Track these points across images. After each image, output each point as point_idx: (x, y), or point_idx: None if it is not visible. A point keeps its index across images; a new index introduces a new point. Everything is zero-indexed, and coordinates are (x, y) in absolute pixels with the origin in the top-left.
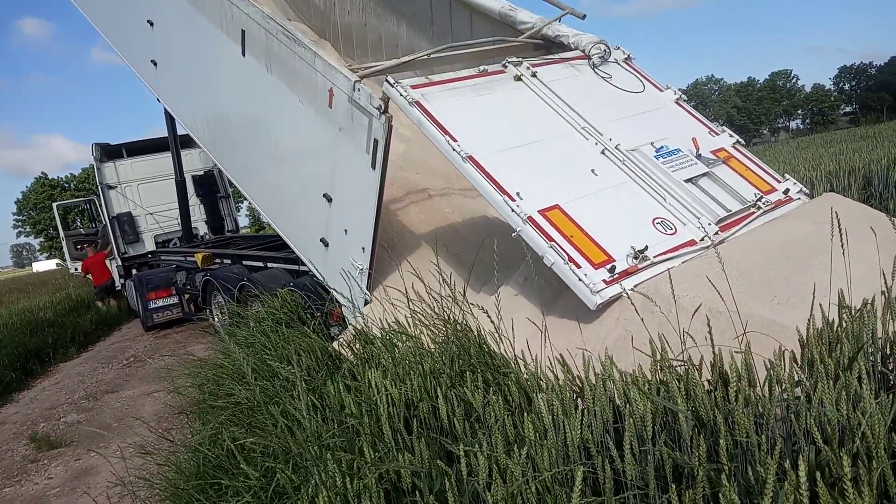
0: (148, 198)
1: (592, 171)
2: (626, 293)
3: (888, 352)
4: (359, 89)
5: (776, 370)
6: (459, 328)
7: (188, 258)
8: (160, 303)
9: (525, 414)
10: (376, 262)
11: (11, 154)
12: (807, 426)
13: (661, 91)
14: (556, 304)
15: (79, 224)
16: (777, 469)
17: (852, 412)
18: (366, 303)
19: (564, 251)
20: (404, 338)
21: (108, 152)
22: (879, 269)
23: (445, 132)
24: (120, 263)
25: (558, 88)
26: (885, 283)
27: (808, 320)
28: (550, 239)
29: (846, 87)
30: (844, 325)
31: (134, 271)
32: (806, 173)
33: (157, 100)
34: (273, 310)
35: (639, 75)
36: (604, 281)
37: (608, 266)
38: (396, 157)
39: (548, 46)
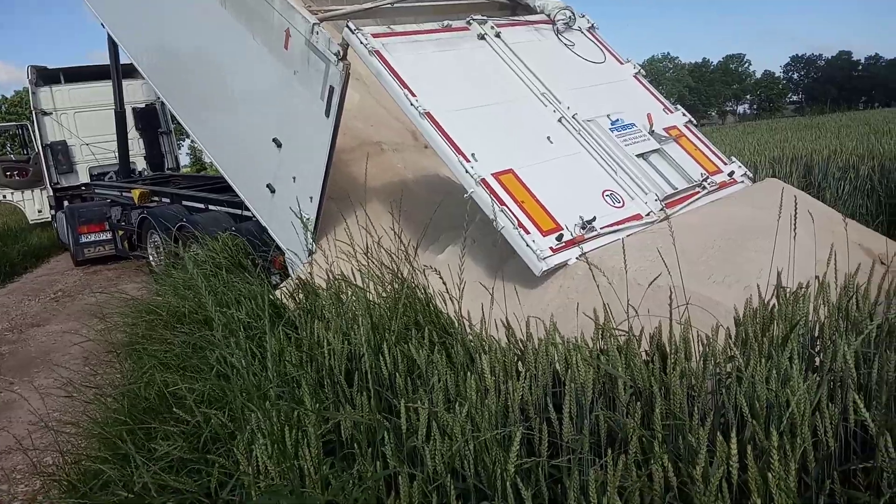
0: (84, 127)
1: (548, 138)
2: (585, 257)
3: (816, 335)
4: (317, 32)
5: (712, 345)
6: (407, 285)
7: (124, 193)
8: (92, 237)
9: (468, 373)
10: (323, 213)
11: None
12: (736, 401)
13: (622, 64)
14: (502, 268)
15: (9, 149)
16: (708, 440)
17: (781, 390)
18: (310, 253)
19: (515, 216)
20: (350, 291)
21: (45, 76)
22: (814, 255)
23: (405, 86)
24: (51, 194)
25: (521, 51)
26: (819, 270)
27: (746, 300)
28: (502, 203)
29: (795, 76)
30: (779, 306)
31: (66, 203)
32: (751, 157)
33: (101, 25)
34: (213, 253)
35: (601, 46)
36: (551, 248)
37: (556, 234)
38: (351, 107)
39: (513, 7)
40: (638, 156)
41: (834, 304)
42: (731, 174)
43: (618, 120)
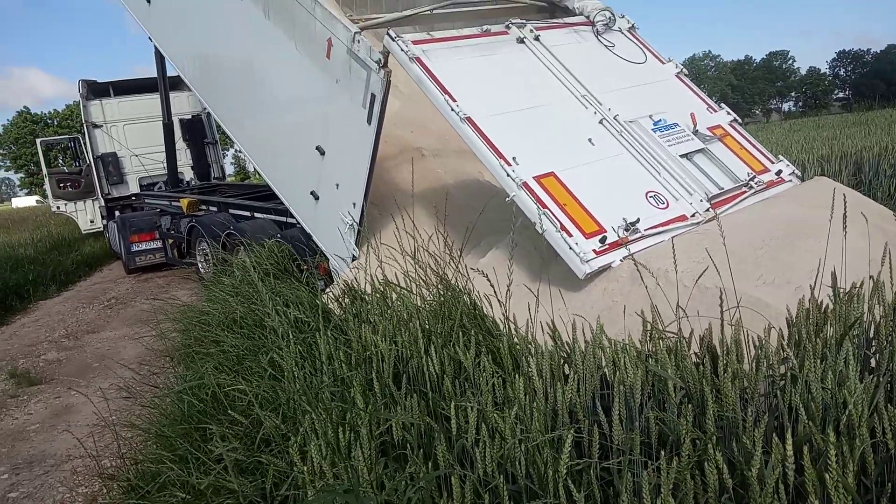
0: (134, 139)
1: (590, 140)
2: (630, 258)
3: (871, 335)
4: (359, 41)
5: (765, 347)
6: (452, 288)
7: (173, 203)
8: (143, 246)
9: (517, 375)
10: (366, 218)
11: None
12: (791, 403)
13: (663, 63)
14: (545, 271)
15: (61, 162)
16: (762, 442)
17: (837, 391)
18: (354, 258)
19: (557, 219)
20: (394, 295)
21: (95, 90)
22: (868, 255)
23: (445, 91)
24: (103, 204)
25: (560, 54)
26: (872, 269)
27: (799, 301)
28: (544, 206)
29: (842, 71)
30: (832, 306)
31: (117, 213)
32: (798, 156)
33: (149, 39)
34: (260, 260)
35: (641, 46)
36: (594, 251)
37: (599, 236)
38: (391, 114)
39: (552, 10)
40: (682, 156)
41: (889, 303)
42: (778, 173)
43: (660, 120)
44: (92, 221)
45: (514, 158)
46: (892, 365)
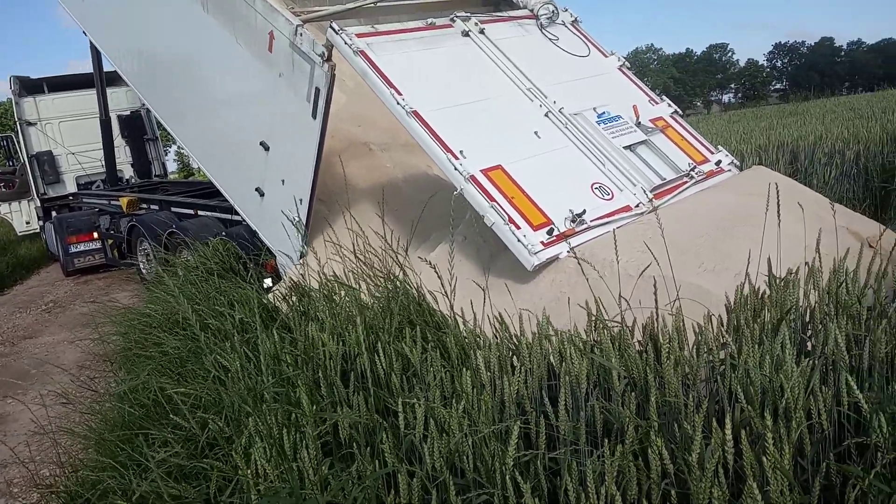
0: (70, 137)
1: (536, 133)
2: (574, 251)
3: (807, 320)
4: (301, 34)
5: (704, 333)
6: (399, 284)
7: (112, 202)
8: (81, 247)
9: (465, 369)
10: (313, 214)
11: None
12: (731, 387)
13: (606, 57)
14: (493, 264)
15: None
16: (702, 427)
17: (775, 375)
18: (301, 255)
19: (505, 212)
20: (342, 291)
21: (28, 86)
22: (804, 241)
23: (391, 85)
24: (39, 205)
25: (506, 47)
26: (808, 255)
27: (737, 287)
28: (492, 199)
29: (778, 63)
30: (769, 292)
31: (54, 213)
32: (737, 146)
33: (84, 32)
34: (204, 259)
35: (585, 39)
36: (542, 243)
37: (547, 228)
38: (337, 109)
39: (496, 3)
40: (625, 148)
41: (824, 288)
42: (718, 163)
43: (604, 113)
44: (28, 223)
45: (461, 152)
46: (827, 348)
